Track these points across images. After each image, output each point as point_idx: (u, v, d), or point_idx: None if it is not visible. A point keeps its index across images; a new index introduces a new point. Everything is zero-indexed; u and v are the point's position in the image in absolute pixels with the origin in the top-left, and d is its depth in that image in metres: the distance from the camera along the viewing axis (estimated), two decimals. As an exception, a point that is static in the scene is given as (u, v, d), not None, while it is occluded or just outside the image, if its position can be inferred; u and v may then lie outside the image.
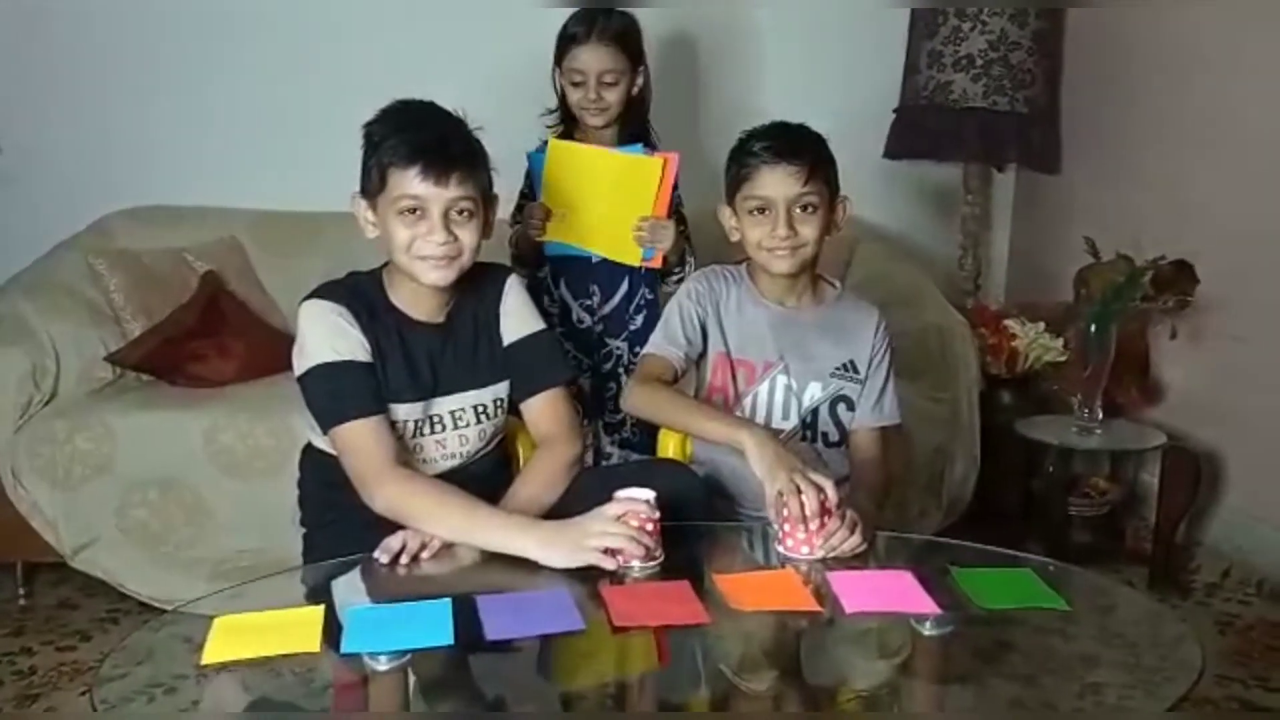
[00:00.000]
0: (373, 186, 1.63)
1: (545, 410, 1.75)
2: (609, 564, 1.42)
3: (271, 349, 2.72)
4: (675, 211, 2.30)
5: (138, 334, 2.66)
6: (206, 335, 2.69)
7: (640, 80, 2.32)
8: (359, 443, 1.59)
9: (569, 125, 2.36)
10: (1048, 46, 3.14)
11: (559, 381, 1.77)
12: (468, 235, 1.62)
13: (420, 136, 1.59)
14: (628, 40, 2.28)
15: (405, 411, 1.66)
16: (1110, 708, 1.18)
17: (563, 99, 2.34)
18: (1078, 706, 1.19)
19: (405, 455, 1.65)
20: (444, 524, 1.52)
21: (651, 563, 1.44)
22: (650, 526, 1.44)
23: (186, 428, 2.43)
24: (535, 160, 2.26)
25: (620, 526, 1.43)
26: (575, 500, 1.66)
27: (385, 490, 1.55)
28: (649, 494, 1.47)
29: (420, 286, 1.65)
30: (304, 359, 1.62)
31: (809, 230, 1.76)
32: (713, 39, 3.30)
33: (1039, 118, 3.16)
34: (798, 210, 1.75)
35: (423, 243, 1.60)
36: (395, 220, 1.61)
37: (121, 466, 2.40)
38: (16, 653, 2.28)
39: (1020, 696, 1.20)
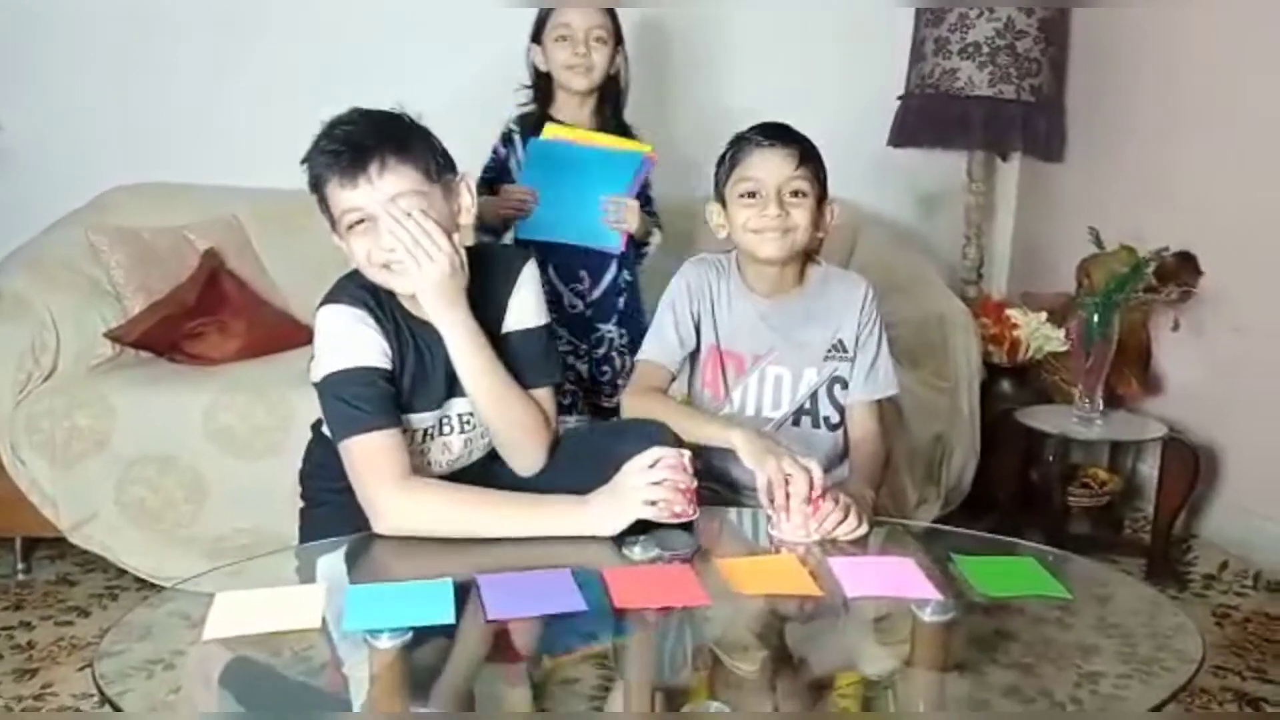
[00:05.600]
0: (329, 216, 1.53)
1: None
2: (661, 516, 1.43)
3: (271, 328, 2.71)
4: (642, 194, 2.34)
5: (137, 311, 2.65)
6: (206, 313, 2.68)
7: (619, 61, 2.31)
8: (371, 458, 1.47)
9: (543, 105, 2.34)
10: (1054, 35, 3.12)
11: (550, 382, 1.68)
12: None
13: (338, 146, 1.48)
14: (612, 12, 2.29)
15: (418, 420, 1.59)
16: (1107, 698, 1.18)
17: (537, 77, 2.33)
18: (1075, 696, 1.19)
19: (413, 464, 1.54)
20: (480, 524, 1.44)
21: (691, 515, 1.45)
22: (685, 474, 1.46)
23: (186, 406, 2.42)
24: (537, 147, 2.21)
25: (658, 474, 1.44)
26: (564, 464, 1.64)
27: (396, 512, 1.45)
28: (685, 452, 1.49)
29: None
30: (321, 364, 1.52)
31: (799, 215, 1.76)
32: (720, 33, 3.28)
33: (1044, 106, 3.15)
34: (788, 195, 1.75)
35: (377, 251, 1.49)
36: (349, 238, 1.51)
37: (120, 443, 2.40)
38: (15, 627, 2.28)
39: (1018, 684, 1.20)
